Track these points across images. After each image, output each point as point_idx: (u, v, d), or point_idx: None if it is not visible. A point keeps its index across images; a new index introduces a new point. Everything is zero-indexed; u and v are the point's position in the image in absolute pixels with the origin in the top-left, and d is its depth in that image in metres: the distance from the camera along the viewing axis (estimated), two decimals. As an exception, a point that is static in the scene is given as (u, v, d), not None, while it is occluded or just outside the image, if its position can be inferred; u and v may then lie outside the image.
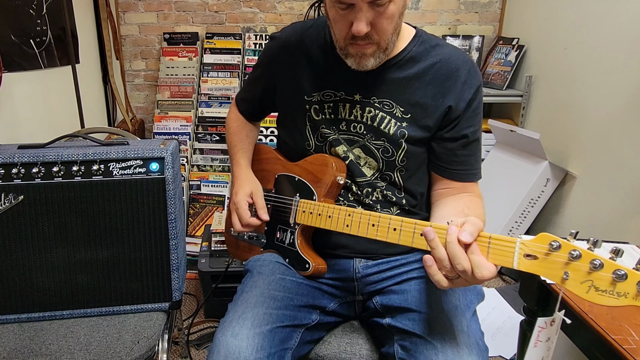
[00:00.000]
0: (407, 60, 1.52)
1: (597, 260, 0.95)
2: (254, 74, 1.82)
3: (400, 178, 1.57)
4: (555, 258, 1.01)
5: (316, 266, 1.58)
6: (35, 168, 1.66)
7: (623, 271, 0.92)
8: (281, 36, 1.69)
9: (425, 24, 4.15)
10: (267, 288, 1.51)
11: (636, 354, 1.25)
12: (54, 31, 3.14)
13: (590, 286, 0.96)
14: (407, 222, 1.27)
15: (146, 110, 4.42)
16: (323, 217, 1.51)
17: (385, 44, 1.40)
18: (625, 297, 0.93)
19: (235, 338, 1.32)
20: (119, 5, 4.15)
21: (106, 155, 1.71)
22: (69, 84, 2.97)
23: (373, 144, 1.55)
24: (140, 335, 1.68)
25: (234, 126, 1.89)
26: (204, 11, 4.17)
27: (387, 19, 1.33)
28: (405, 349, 1.35)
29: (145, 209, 1.74)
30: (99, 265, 1.75)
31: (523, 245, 1.06)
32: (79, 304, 1.77)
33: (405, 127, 1.51)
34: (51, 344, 1.62)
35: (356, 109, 1.56)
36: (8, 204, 1.66)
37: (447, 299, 1.44)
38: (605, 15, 2.80)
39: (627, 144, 2.60)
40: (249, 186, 1.72)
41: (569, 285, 0.99)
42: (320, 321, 1.56)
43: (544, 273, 1.03)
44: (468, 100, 1.49)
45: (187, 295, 3.12)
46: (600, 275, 0.95)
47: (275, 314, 1.42)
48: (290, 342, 1.42)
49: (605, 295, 0.95)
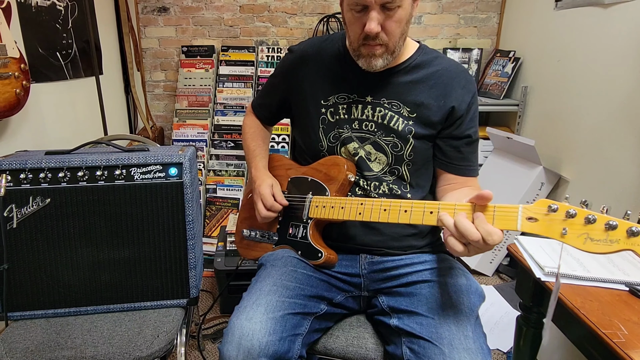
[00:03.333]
0: (413, 67, 1.61)
1: (591, 216, 1.04)
2: (271, 82, 1.88)
3: (407, 172, 1.63)
4: (554, 217, 1.10)
5: (328, 255, 1.60)
6: (61, 173, 1.67)
7: (614, 222, 1.02)
8: (299, 49, 1.77)
9: (427, 38, 4.15)
10: (280, 278, 1.51)
11: (625, 347, 1.26)
12: (79, 44, 3.16)
13: (586, 238, 1.05)
14: (417, 204, 1.33)
15: (165, 119, 4.42)
16: (336, 209, 1.54)
17: (393, 46, 1.48)
18: (617, 243, 1.01)
19: (249, 322, 1.33)
20: (140, 20, 4.16)
21: (128, 160, 1.71)
22: (93, 94, 2.97)
23: (383, 140, 1.62)
24: (160, 329, 1.68)
25: (251, 132, 1.94)
26: (219, 25, 4.17)
27: (395, 22, 1.42)
28: (414, 352, 1.34)
29: (164, 211, 1.74)
30: (121, 263, 1.75)
31: (525, 209, 1.15)
32: (102, 300, 1.77)
33: (412, 124, 1.59)
34: (76, 338, 1.62)
35: (368, 109, 1.63)
36: (36, 206, 1.66)
37: (452, 303, 1.43)
38: (596, 30, 2.80)
39: (616, 150, 2.59)
40: (270, 181, 1.75)
41: (567, 239, 1.07)
42: (327, 311, 1.56)
43: (544, 232, 1.12)
44: (468, 102, 1.59)
45: (204, 292, 3.12)
46: (594, 227, 1.04)
47: (287, 302, 1.43)
48: (300, 329, 1.42)
49: (600, 244, 1.03)
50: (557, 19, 3.23)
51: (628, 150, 2.50)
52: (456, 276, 1.54)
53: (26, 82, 2.26)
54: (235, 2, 4.11)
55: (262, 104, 1.94)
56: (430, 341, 1.32)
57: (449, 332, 1.33)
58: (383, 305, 1.55)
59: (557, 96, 3.21)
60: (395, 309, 1.51)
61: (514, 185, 3.27)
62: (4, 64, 2.11)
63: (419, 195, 1.66)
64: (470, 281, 1.53)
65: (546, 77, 3.37)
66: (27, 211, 1.66)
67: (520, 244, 1.77)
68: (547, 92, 3.36)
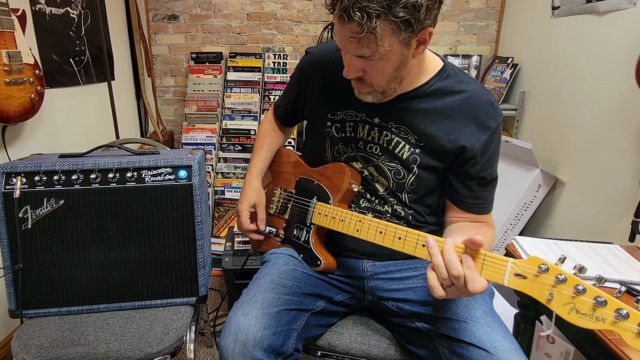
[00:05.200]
0: (429, 94, 1.44)
1: (580, 286, 0.96)
2: (289, 83, 1.80)
3: (407, 199, 1.55)
4: (542, 280, 1.03)
5: (327, 263, 1.59)
6: (74, 175, 1.67)
7: (603, 298, 0.94)
8: (314, 53, 1.66)
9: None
10: (279, 277, 1.52)
11: (621, 345, 1.26)
12: (92, 51, 3.16)
13: (572, 309, 0.98)
14: (412, 233, 1.27)
15: (175, 123, 4.43)
16: (336, 220, 1.50)
17: (381, 89, 1.37)
18: (602, 322, 0.94)
19: (245, 317, 1.34)
20: (151, 28, 4.17)
21: (139, 163, 1.71)
22: (105, 98, 2.98)
23: (386, 165, 1.52)
24: (170, 326, 1.68)
25: (262, 132, 1.88)
26: (227, 33, 4.17)
27: (377, 72, 1.30)
28: (455, 353, 1.32)
29: (174, 212, 1.74)
30: (132, 263, 1.76)
31: (514, 265, 1.08)
32: (114, 299, 1.77)
33: (418, 153, 1.47)
34: (89, 335, 1.62)
35: (374, 131, 1.52)
36: (50, 207, 1.67)
37: (473, 305, 1.40)
38: (591, 37, 2.79)
39: (611, 153, 2.58)
40: (253, 197, 1.73)
41: (552, 305, 1.01)
42: (325, 308, 1.56)
43: (531, 292, 1.04)
44: (484, 142, 1.44)
45: (212, 291, 3.12)
46: (582, 299, 0.97)
47: (283, 298, 1.43)
48: (295, 324, 1.42)
49: (585, 318, 0.96)
50: (554, 27, 3.23)
51: (622, 153, 2.49)
52: None
53: (40, 88, 2.27)
54: (242, 10, 4.12)
55: (280, 105, 1.86)
56: (473, 344, 1.29)
57: (486, 333, 1.30)
58: (399, 310, 1.52)
59: (553, 101, 3.21)
60: (415, 313, 1.48)
61: (513, 187, 3.27)
62: (19, 70, 2.11)
63: (422, 217, 1.59)
64: None
65: (543, 83, 3.36)
66: (42, 212, 1.67)
67: (518, 244, 1.76)
68: (544, 97, 3.35)
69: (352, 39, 1.19)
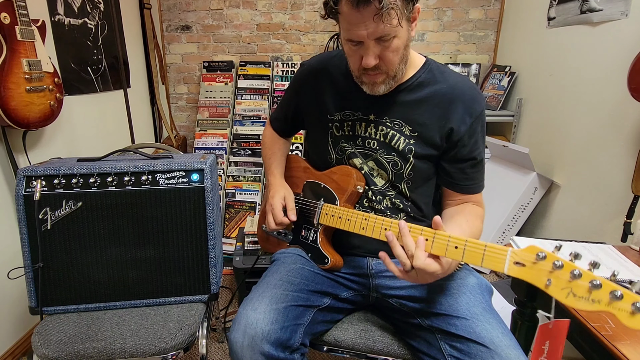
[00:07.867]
0: (416, 86, 1.52)
1: (576, 271, 0.98)
2: (285, 96, 1.83)
3: (406, 189, 1.57)
4: (540, 267, 1.04)
5: (334, 261, 1.59)
6: (92, 178, 1.67)
7: (598, 281, 0.95)
8: (309, 64, 1.71)
9: (430, 54, 4.12)
10: (287, 274, 1.52)
11: (612, 339, 1.28)
12: (108, 60, 3.17)
13: (569, 292, 0.99)
14: (415, 228, 1.27)
15: (188, 129, 4.43)
16: (343, 220, 1.51)
17: (393, 72, 1.41)
18: (598, 303, 0.95)
19: (254, 312, 1.34)
20: (165, 37, 4.18)
21: (153, 167, 1.72)
22: (121, 105, 2.99)
23: (384, 158, 1.56)
24: (183, 323, 1.68)
25: (268, 142, 1.91)
26: (238, 42, 4.18)
27: (392, 52, 1.35)
28: (456, 349, 1.32)
29: (187, 213, 1.74)
30: (147, 262, 1.76)
31: (514, 254, 1.09)
32: (130, 296, 1.77)
33: (413, 144, 1.52)
34: (106, 331, 1.62)
35: (371, 127, 1.56)
36: (69, 209, 1.67)
37: (474, 302, 1.40)
38: (586, 46, 2.79)
39: (604, 157, 2.58)
40: (283, 191, 1.72)
41: (550, 290, 1.02)
42: (332, 305, 1.56)
43: (529, 278, 1.06)
44: (470, 124, 1.49)
45: (224, 289, 3.11)
46: (579, 283, 0.98)
47: (291, 295, 1.44)
48: (302, 319, 1.42)
49: (582, 301, 0.97)
50: (550, 37, 3.22)
51: (615, 157, 2.49)
52: (465, 276, 1.51)
53: (59, 95, 2.28)
54: (252, 20, 4.12)
55: (277, 118, 1.89)
56: (472, 340, 1.29)
57: (485, 330, 1.30)
58: (402, 307, 1.53)
59: (549, 107, 3.20)
60: (417, 310, 1.48)
61: (510, 190, 3.26)
62: (39, 78, 2.12)
63: (420, 210, 1.62)
64: (479, 279, 1.52)
65: (539, 90, 3.36)
66: (61, 214, 1.67)
67: (516, 244, 1.76)
68: (540, 104, 3.34)
69: (376, 17, 1.25)
